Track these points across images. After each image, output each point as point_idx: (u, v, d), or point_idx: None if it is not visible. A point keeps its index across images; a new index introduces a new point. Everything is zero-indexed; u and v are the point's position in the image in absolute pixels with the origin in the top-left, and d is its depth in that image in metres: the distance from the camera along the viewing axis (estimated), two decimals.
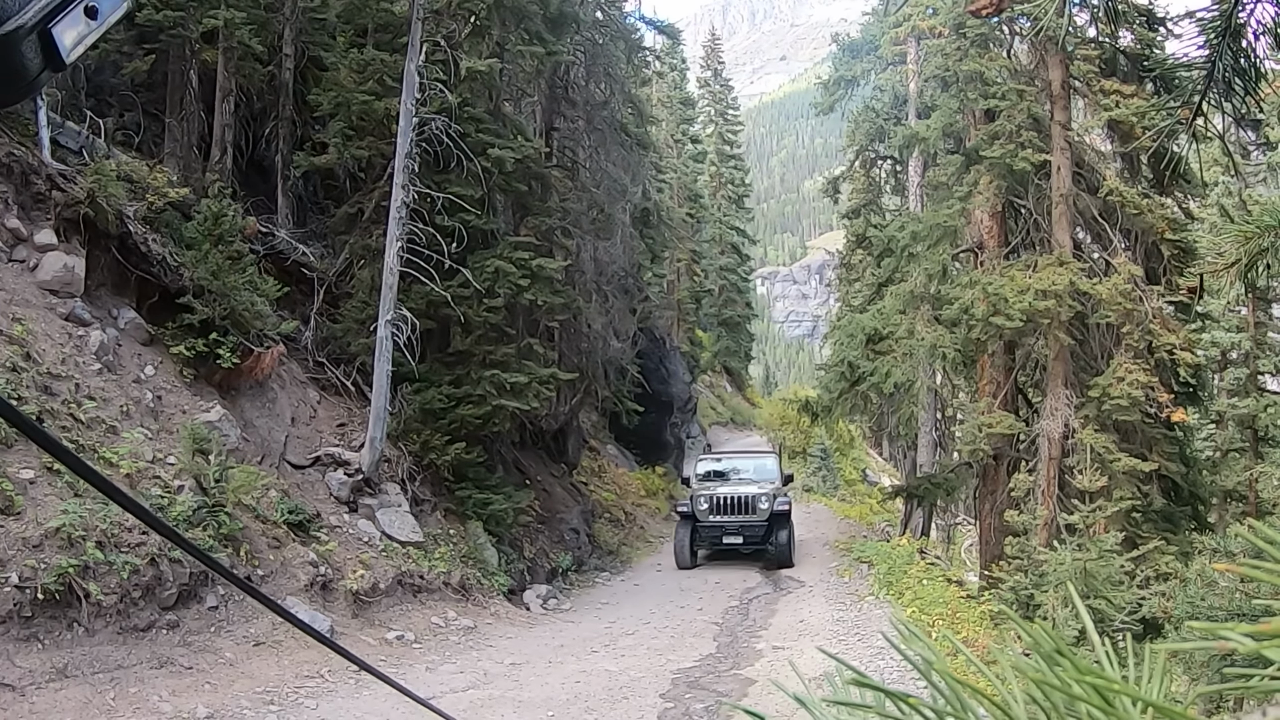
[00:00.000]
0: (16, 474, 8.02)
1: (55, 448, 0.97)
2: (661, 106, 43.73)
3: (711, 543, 18.44)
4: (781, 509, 18.05)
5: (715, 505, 18.12)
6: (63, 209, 10.86)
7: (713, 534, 18.26)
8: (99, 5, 0.80)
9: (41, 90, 8.47)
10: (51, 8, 0.76)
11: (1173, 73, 13.22)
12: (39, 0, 0.75)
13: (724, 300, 49.81)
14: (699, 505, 18.21)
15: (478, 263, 14.68)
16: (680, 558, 18.37)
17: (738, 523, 18.02)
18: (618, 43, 20.99)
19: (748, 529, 17.98)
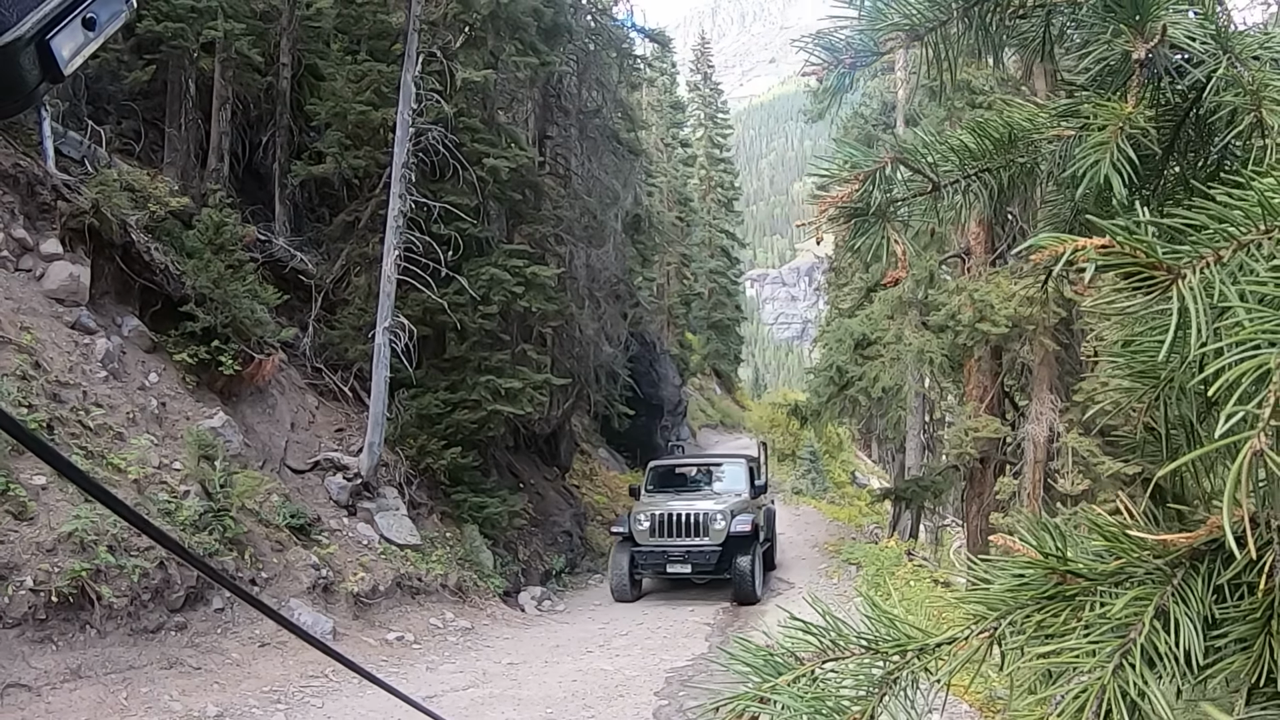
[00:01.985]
0: (29, 480, 8.24)
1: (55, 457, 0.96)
2: (652, 111, 44.02)
3: (654, 570, 15.25)
4: (741, 530, 14.67)
5: (657, 525, 14.90)
6: (68, 219, 11.08)
7: (654, 560, 14.97)
8: (97, 16, 0.81)
9: (39, 101, 8.37)
10: (49, 19, 0.76)
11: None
12: (37, 12, 0.75)
13: (714, 303, 50.08)
14: (638, 524, 15.01)
15: (473, 270, 14.93)
16: (617, 588, 15.26)
17: (684, 547, 14.79)
18: (609, 51, 21.22)
19: (698, 555, 14.69)
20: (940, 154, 1.53)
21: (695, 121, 54.36)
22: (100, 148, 12.86)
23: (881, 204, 1.50)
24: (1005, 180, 1.53)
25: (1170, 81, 1.34)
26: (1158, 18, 1.28)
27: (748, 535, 14.75)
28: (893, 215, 1.52)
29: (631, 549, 15.13)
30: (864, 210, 1.52)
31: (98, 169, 12.14)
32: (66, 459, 0.97)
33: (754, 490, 16.86)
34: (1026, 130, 1.49)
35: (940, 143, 1.53)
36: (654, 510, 15.16)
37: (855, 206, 1.51)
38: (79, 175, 11.86)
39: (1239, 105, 1.26)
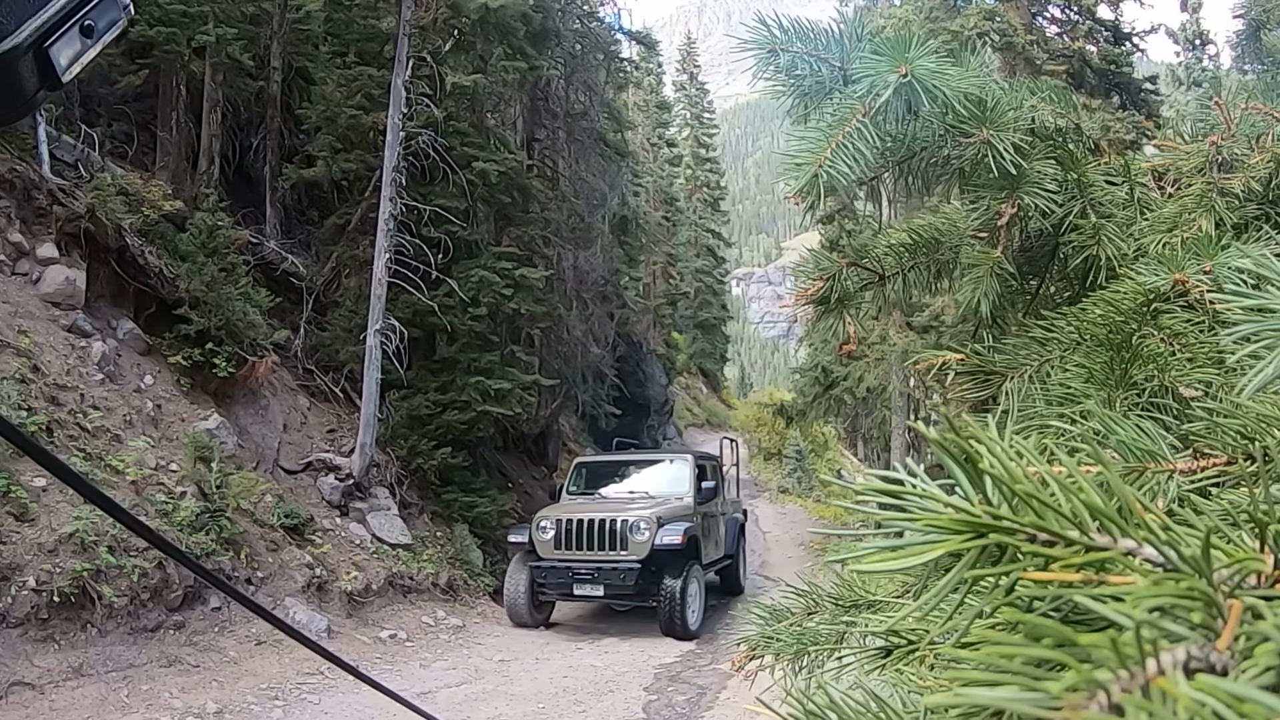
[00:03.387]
0: (30, 482, 8.40)
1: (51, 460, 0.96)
2: (638, 111, 44.16)
3: (559, 591, 12.34)
4: (669, 543, 11.76)
5: (563, 535, 12.17)
6: (63, 223, 11.21)
7: (556, 579, 12.12)
8: (95, 23, 0.81)
9: (39, 108, 8.10)
10: (48, 27, 0.76)
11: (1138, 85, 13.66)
12: (35, 20, 0.75)
13: (699, 302, 50.27)
14: (540, 533, 12.33)
15: (462, 273, 15.10)
16: (514, 612, 12.54)
17: (594, 563, 11.95)
18: (596, 53, 21.37)
19: (611, 573, 11.83)
20: (884, 250, 1.92)
21: (681, 121, 54.57)
22: (93, 151, 12.98)
23: (839, 297, 1.91)
24: (933, 272, 1.93)
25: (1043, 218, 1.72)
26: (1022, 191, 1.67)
27: (678, 550, 11.76)
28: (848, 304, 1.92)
29: (532, 564, 12.36)
30: (826, 300, 1.93)
31: (91, 173, 12.27)
32: (63, 462, 0.99)
33: (700, 495, 13.58)
34: (948, 234, 1.86)
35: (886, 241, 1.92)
36: (561, 516, 12.34)
37: (821, 298, 1.92)
38: (73, 179, 12.00)
39: (1082, 241, 1.67)
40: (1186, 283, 1.26)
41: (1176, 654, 0.44)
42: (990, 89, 1.73)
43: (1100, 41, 21.10)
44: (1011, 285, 1.84)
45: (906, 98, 1.49)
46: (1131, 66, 21.52)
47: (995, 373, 1.59)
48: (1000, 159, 1.63)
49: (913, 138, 1.63)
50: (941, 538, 0.57)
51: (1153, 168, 1.90)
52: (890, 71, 1.49)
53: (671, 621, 11.75)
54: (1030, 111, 1.80)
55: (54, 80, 0.78)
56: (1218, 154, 1.69)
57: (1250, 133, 1.71)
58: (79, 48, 0.80)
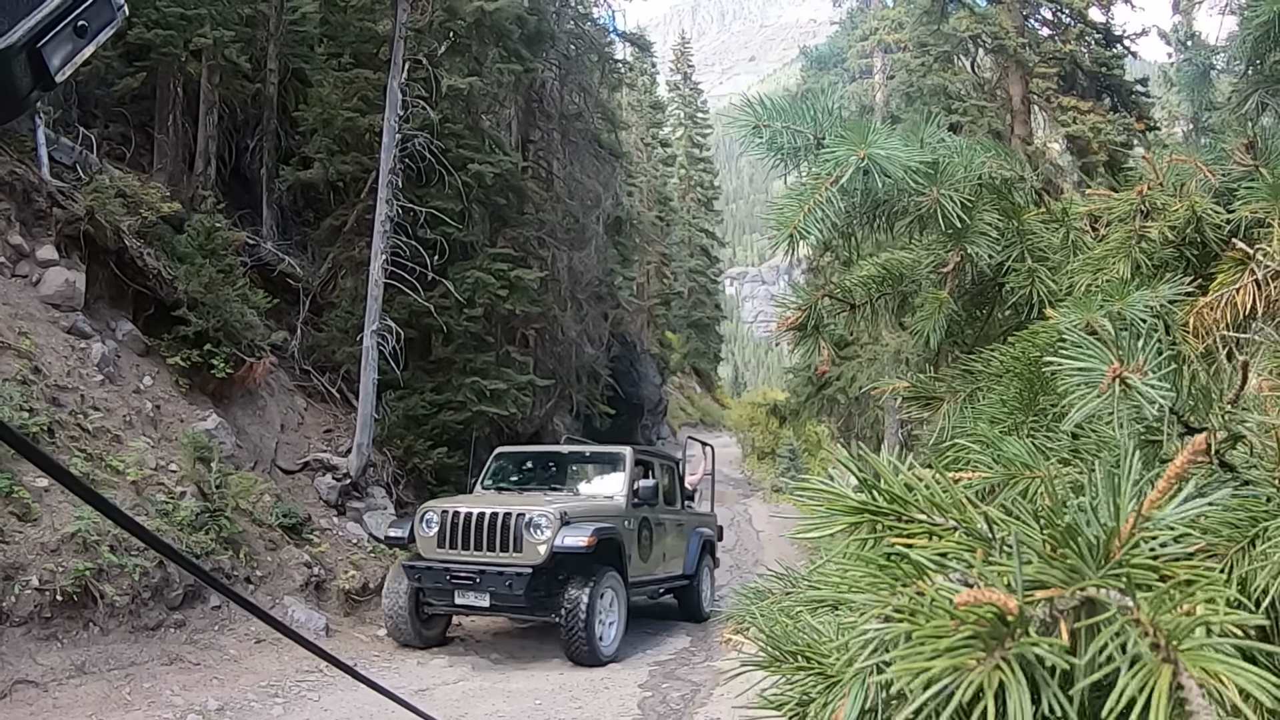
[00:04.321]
0: (32, 482, 8.50)
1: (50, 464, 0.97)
2: (632, 111, 44.30)
3: (439, 600, 10.34)
4: (573, 545, 9.77)
5: (447, 530, 10.28)
6: (63, 225, 11.33)
7: (435, 583, 10.14)
8: (89, 24, 0.80)
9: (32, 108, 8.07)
10: (41, 27, 0.76)
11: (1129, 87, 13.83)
12: (29, 20, 0.75)
13: (693, 302, 50.40)
14: (424, 527, 10.46)
15: (458, 274, 15.22)
16: (393, 625, 10.66)
17: (478, 566, 9.96)
18: (590, 55, 21.48)
19: (496, 578, 9.80)
20: (855, 283, 2.24)
21: (675, 121, 54.71)
22: (91, 153, 13.08)
23: (814, 324, 2.22)
24: (898, 302, 2.25)
25: (989, 260, 1.99)
26: (967, 240, 1.94)
27: (585, 555, 9.87)
28: (823, 329, 2.23)
29: (407, 564, 10.54)
30: (803, 327, 2.23)
31: (90, 175, 12.37)
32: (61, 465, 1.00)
33: (637, 496, 11.49)
34: (910, 269, 2.16)
35: (856, 275, 2.24)
36: (448, 507, 10.49)
37: (799, 325, 2.22)
38: (71, 181, 12.09)
39: (1019, 283, 1.94)
40: (1095, 323, 1.42)
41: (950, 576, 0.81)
42: (943, 152, 1.99)
43: (1091, 44, 21.25)
44: (960, 319, 2.14)
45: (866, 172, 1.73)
46: (1123, 69, 21.69)
47: (935, 397, 2.00)
48: (948, 214, 1.88)
49: (877, 193, 1.83)
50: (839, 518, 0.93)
51: (1089, 212, 2.11)
52: (850, 154, 1.73)
53: (573, 643, 9.78)
54: (980, 167, 2.04)
55: (47, 80, 0.78)
56: (1143, 203, 1.85)
57: (1176, 181, 1.87)
58: (72, 48, 0.80)
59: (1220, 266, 1.66)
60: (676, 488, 13.36)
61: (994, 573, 0.79)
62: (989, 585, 0.76)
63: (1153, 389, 1.09)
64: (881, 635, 0.78)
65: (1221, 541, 0.95)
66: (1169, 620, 0.71)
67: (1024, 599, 0.74)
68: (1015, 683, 0.69)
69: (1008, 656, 0.71)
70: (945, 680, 0.70)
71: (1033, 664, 0.71)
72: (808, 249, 1.73)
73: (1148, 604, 0.72)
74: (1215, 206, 1.76)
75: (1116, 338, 1.19)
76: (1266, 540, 0.91)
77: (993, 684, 0.69)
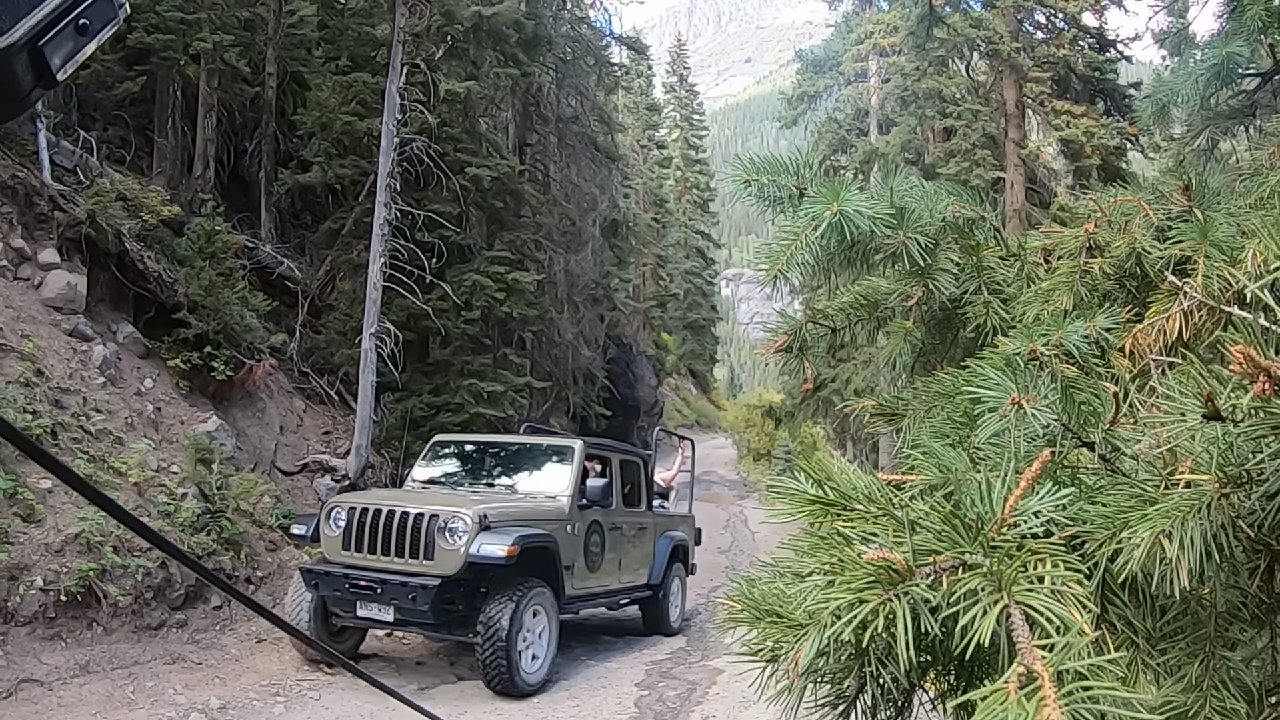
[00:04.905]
0: (36, 484, 8.60)
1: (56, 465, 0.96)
2: (628, 113, 44.38)
3: (343, 609, 8.92)
4: (488, 556, 8.27)
5: (353, 529, 8.83)
6: (65, 229, 11.42)
7: (335, 590, 8.67)
8: (90, 22, 0.80)
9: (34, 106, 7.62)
10: (42, 25, 0.76)
11: (1123, 91, 13.98)
12: (30, 18, 0.75)
13: (689, 303, 50.53)
14: (330, 527, 9.00)
15: (456, 277, 15.33)
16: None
17: (380, 574, 8.52)
18: (587, 59, 21.60)
19: (399, 590, 8.35)
20: (836, 309, 2.51)
21: (671, 123, 54.86)
22: (92, 157, 13.18)
23: (800, 346, 2.49)
24: (873, 326, 2.52)
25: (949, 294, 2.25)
26: (929, 276, 2.20)
27: (504, 566, 8.33)
28: (808, 350, 2.49)
29: (305, 568, 9.16)
30: (790, 350, 2.49)
31: (91, 178, 12.46)
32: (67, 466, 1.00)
33: (585, 496, 10.09)
34: (885, 296, 2.43)
35: (838, 302, 2.53)
36: (357, 502, 9.07)
37: (785, 348, 2.49)
38: (72, 185, 12.19)
39: (975, 314, 2.21)
40: (1036, 349, 1.66)
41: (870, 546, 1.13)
42: (912, 197, 2.25)
43: (1085, 49, 21.38)
44: (924, 345, 2.46)
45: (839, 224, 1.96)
46: (1116, 73, 21.83)
47: (897, 414, 2.34)
48: (912, 255, 2.14)
49: (853, 236, 2.02)
50: (800, 509, 1.29)
51: (1043, 246, 2.34)
52: (825, 209, 1.96)
53: (490, 669, 8.36)
54: (944, 210, 2.29)
55: (49, 79, 0.79)
56: (1089, 239, 2.06)
57: (1121, 219, 2.08)
58: (73, 46, 0.80)
59: (1156, 296, 1.84)
60: (642, 486, 12.04)
61: (897, 543, 1.13)
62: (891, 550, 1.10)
63: (1039, 414, 1.41)
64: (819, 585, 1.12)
65: (1097, 530, 1.25)
66: (1009, 572, 1.05)
67: (914, 560, 1.10)
68: (901, 609, 1.06)
69: (897, 594, 1.07)
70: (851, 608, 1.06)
71: (917, 602, 1.07)
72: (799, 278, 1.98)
73: (997, 563, 1.07)
74: (1155, 243, 1.97)
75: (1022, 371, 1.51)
76: (1129, 530, 1.20)
77: (884, 609, 1.06)
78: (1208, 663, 1.34)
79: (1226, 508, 1.17)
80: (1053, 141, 21.76)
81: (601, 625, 12.78)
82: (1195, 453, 1.22)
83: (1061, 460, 1.41)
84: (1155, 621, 1.32)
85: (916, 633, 1.06)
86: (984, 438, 1.47)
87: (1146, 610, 1.30)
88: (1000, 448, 1.42)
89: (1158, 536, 1.16)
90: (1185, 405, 1.26)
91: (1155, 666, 1.33)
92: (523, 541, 8.53)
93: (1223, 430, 1.19)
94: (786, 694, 1.27)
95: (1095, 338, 1.74)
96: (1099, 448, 1.45)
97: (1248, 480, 1.17)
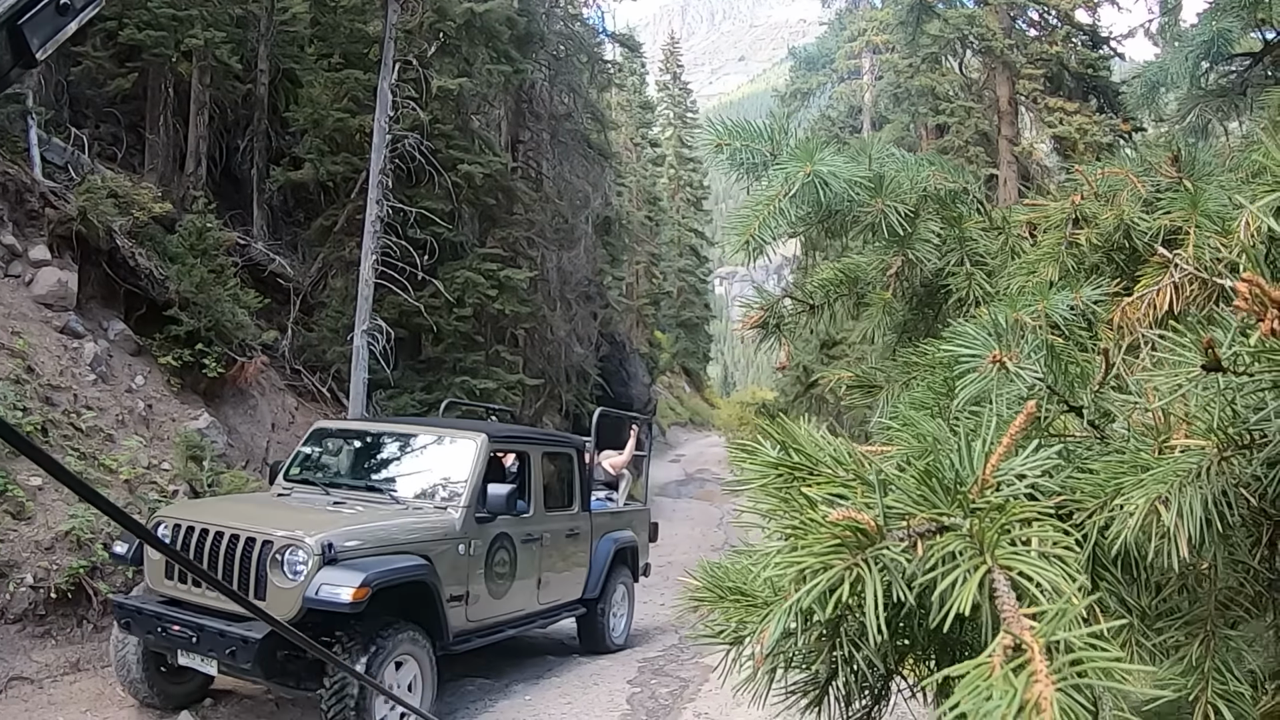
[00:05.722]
0: (26, 481, 8.57)
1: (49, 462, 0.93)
2: (621, 111, 44.36)
3: (161, 651, 7.08)
4: (328, 600, 6.33)
5: None
6: (56, 225, 11.38)
7: (149, 632, 6.81)
8: (70, 2, 0.78)
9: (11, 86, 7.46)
10: (21, 5, 0.74)
11: (1115, 89, 14.01)
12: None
13: (682, 302, 50.52)
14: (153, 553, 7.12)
15: (448, 274, 15.33)
16: (125, 677, 7.29)
17: (201, 612, 6.66)
18: (580, 56, 21.60)
19: (218, 640, 6.46)
20: (815, 285, 2.47)
21: (664, 121, 54.80)
22: (83, 154, 13.13)
23: (775, 323, 2.45)
24: (854, 302, 2.46)
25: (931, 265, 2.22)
26: (909, 246, 2.17)
27: (341, 613, 6.41)
28: (784, 329, 2.46)
29: (118, 600, 7.32)
30: (765, 325, 2.44)
31: (82, 175, 12.42)
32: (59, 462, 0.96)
33: (488, 505, 7.98)
34: (864, 271, 2.38)
35: (817, 277, 2.49)
36: (184, 519, 7.14)
37: (762, 323, 2.43)
38: (63, 181, 12.15)
39: (958, 285, 2.19)
40: (1021, 319, 1.62)
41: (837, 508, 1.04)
42: (892, 166, 2.22)
43: (1078, 46, 21.42)
44: (906, 321, 2.44)
45: (813, 185, 1.91)
46: (1109, 70, 21.86)
47: (876, 386, 2.30)
48: (891, 224, 2.10)
49: (831, 203, 1.99)
50: (764, 472, 1.20)
51: (1028, 220, 2.29)
52: (798, 170, 1.91)
53: None
54: (925, 180, 2.25)
55: (28, 58, 0.76)
56: (1075, 211, 2.02)
57: (1108, 192, 2.04)
58: (54, 26, 0.78)
59: (1145, 269, 1.80)
60: (576, 482, 10.04)
61: (865, 504, 1.05)
62: (859, 511, 1.02)
63: (1024, 371, 1.33)
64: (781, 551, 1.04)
65: (1086, 498, 1.17)
66: (991, 534, 0.96)
67: (886, 523, 1.02)
68: (870, 575, 0.97)
69: (867, 558, 0.98)
70: (815, 575, 0.97)
71: (889, 567, 0.99)
72: (798, 248, 1.95)
73: (979, 524, 0.98)
74: (1143, 214, 1.93)
75: (1004, 332, 1.44)
76: (1123, 497, 1.12)
77: (850, 576, 0.97)
78: (1208, 643, 1.26)
79: (1227, 473, 1.10)
80: (1046, 139, 21.78)
81: None
82: (1192, 414, 1.15)
83: (1047, 427, 1.33)
84: (1151, 599, 1.25)
85: (889, 605, 0.98)
86: (963, 400, 1.38)
87: (1141, 587, 1.22)
88: (981, 415, 1.37)
89: (1154, 504, 1.08)
90: (1183, 357, 1.18)
91: (1151, 646, 1.24)
92: (376, 580, 6.51)
93: (1224, 383, 1.12)
94: (753, 680, 1.21)
95: (1082, 309, 1.71)
96: (1088, 413, 1.36)
97: (1249, 443, 1.10)
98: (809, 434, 1.20)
